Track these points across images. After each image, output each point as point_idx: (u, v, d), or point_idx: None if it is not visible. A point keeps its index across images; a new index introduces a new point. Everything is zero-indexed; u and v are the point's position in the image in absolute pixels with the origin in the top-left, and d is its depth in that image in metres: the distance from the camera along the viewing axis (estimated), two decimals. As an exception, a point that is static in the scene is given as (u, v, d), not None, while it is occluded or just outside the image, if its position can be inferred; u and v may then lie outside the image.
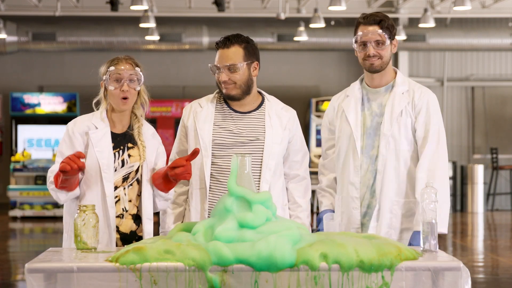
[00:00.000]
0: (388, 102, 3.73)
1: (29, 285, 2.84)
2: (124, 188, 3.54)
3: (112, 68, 3.53)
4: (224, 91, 3.69)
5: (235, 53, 3.65)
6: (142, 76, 3.58)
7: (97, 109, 3.63)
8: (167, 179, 3.51)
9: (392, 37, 3.72)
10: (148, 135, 3.65)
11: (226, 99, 3.75)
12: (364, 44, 3.69)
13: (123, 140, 3.59)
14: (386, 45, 3.68)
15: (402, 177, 3.70)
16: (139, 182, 3.58)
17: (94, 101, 3.64)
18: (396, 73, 3.81)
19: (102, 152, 3.51)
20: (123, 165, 3.55)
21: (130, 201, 3.56)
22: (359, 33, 3.70)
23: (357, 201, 3.73)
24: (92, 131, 3.54)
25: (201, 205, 3.70)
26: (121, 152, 3.56)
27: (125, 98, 3.54)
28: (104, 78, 3.56)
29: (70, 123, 3.60)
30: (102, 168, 3.50)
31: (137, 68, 3.57)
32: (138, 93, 3.62)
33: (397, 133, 3.69)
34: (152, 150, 3.63)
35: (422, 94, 3.75)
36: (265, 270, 2.83)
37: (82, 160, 3.36)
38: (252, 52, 3.70)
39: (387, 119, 3.70)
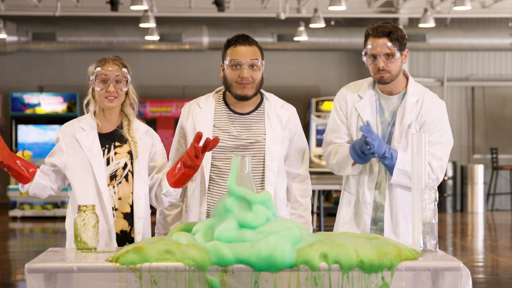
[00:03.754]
0: (398, 113, 3.72)
1: (29, 285, 2.84)
2: (114, 187, 3.55)
3: (98, 69, 3.55)
4: (240, 91, 3.62)
5: (256, 51, 3.63)
6: (129, 76, 3.59)
7: (87, 111, 3.65)
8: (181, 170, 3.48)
9: (402, 48, 3.66)
10: (140, 133, 3.64)
11: (236, 99, 3.67)
12: (374, 57, 3.65)
13: (108, 140, 3.60)
14: (396, 57, 3.64)
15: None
16: (128, 179, 3.57)
17: (85, 102, 3.66)
18: (408, 79, 3.77)
19: (91, 150, 3.54)
20: (108, 163, 3.56)
21: (120, 199, 3.55)
22: (369, 46, 3.65)
23: (369, 207, 3.73)
24: (79, 134, 3.56)
25: (199, 208, 3.67)
26: (106, 151, 3.57)
27: (111, 97, 3.56)
28: (91, 78, 3.57)
29: (59, 130, 3.64)
30: (94, 165, 3.51)
31: (124, 69, 3.57)
32: (126, 93, 3.62)
33: (405, 146, 3.68)
34: (144, 148, 3.62)
35: (430, 107, 3.73)
36: (265, 270, 2.82)
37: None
38: (263, 54, 3.69)
39: (397, 132, 3.70)
